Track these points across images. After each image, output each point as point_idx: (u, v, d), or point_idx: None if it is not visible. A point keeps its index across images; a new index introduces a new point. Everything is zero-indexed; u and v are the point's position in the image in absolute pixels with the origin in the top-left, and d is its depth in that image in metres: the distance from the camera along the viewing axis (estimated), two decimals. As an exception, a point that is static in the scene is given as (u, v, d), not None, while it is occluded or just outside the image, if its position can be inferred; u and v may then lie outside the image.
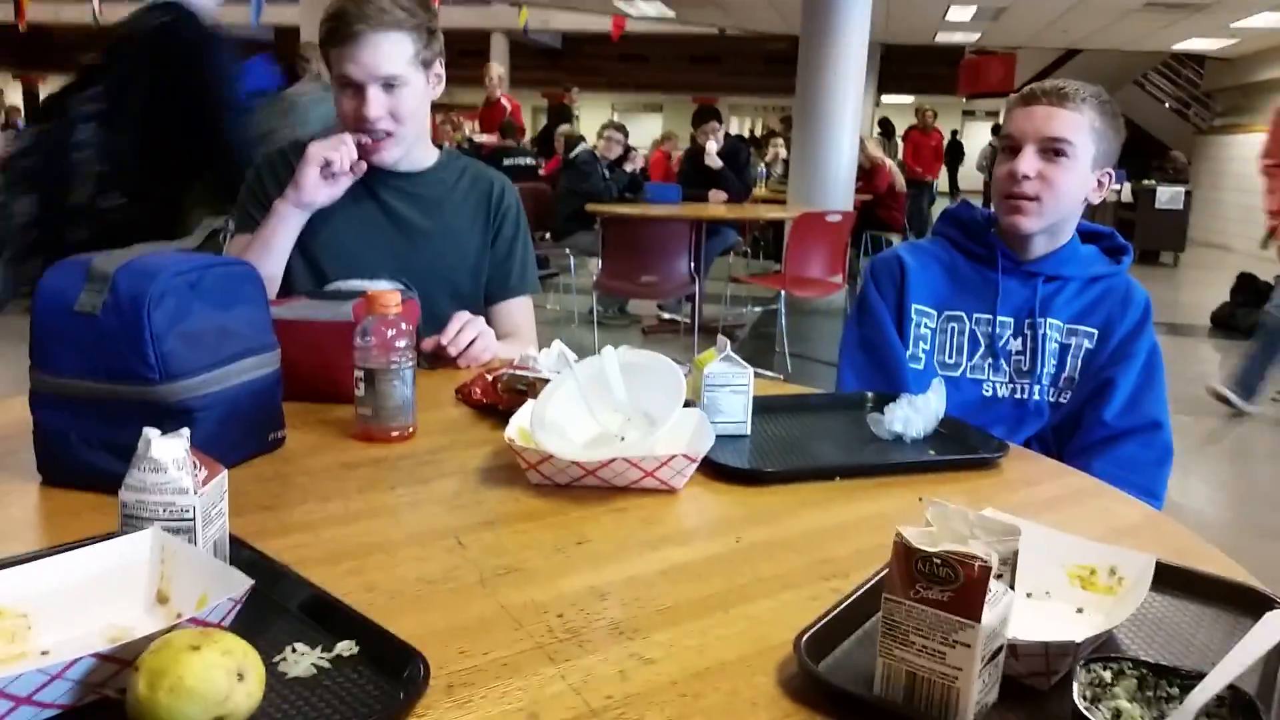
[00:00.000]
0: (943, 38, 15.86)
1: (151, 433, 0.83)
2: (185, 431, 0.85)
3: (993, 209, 1.77)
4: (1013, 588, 0.74)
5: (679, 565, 0.97)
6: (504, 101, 9.83)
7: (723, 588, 0.93)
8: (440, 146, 1.90)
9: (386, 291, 1.28)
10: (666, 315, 6.94)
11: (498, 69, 10.43)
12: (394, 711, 0.69)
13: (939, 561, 0.67)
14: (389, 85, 1.65)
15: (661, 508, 1.11)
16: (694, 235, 5.44)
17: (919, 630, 0.69)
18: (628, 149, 7.49)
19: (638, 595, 0.91)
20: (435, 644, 0.76)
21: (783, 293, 5.55)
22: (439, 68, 1.74)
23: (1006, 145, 1.67)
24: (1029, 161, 1.62)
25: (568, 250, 6.77)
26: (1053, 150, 1.62)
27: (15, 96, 10.23)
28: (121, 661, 0.67)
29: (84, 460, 1.06)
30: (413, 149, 1.77)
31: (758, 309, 7.30)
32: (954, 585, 0.67)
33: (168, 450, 0.82)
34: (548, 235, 6.87)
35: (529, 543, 1.01)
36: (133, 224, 1.98)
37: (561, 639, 0.82)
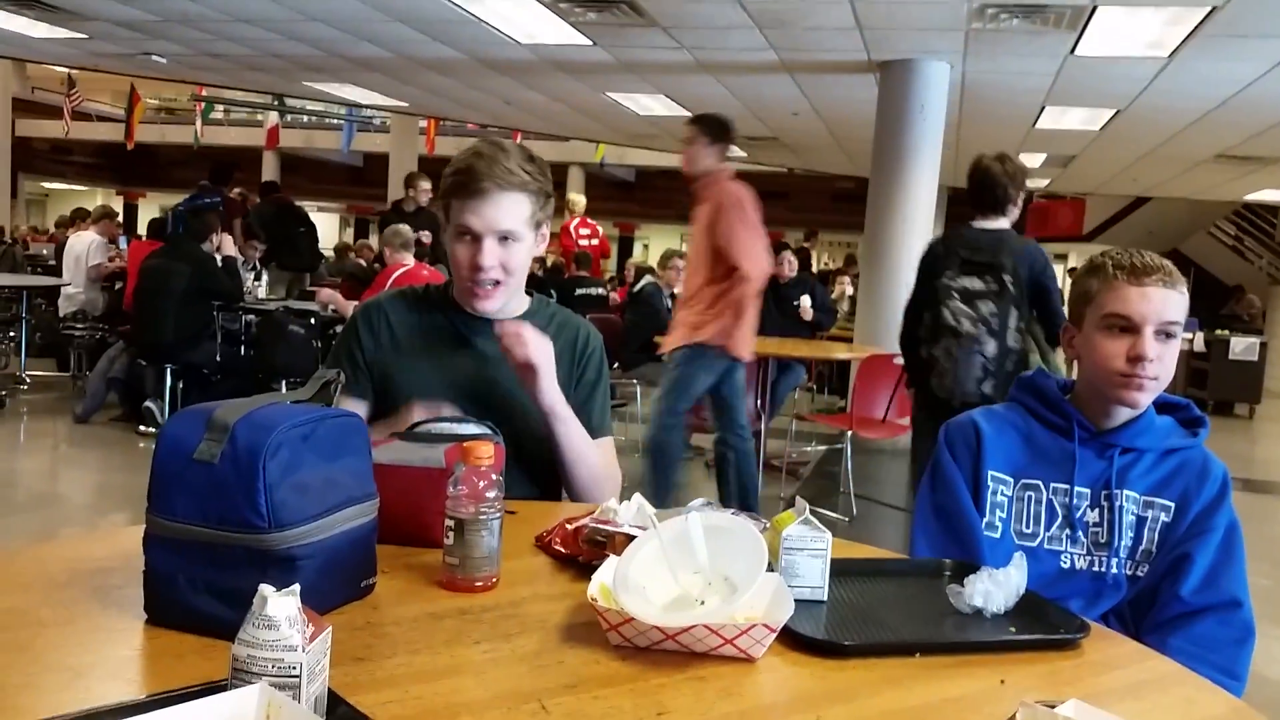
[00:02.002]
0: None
1: (267, 590, 0.87)
2: (297, 588, 0.89)
3: (1067, 377, 1.79)
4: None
5: (760, 744, 0.98)
6: (583, 229, 10.22)
7: (801, 774, 0.93)
8: (530, 294, 1.99)
9: (481, 443, 1.33)
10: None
11: (578, 199, 10.89)
12: None
13: (1031, 769, 0.68)
14: (504, 239, 1.77)
15: (741, 678, 1.12)
16: (761, 371, 5.48)
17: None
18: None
19: (718, 777, 0.91)
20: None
21: (849, 433, 5.53)
22: (546, 228, 1.86)
23: (1119, 325, 1.66)
24: (1152, 345, 1.63)
25: (635, 381, 6.86)
26: (1165, 332, 1.64)
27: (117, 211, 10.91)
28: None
29: (190, 603, 1.11)
30: (511, 299, 1.87)
31: (822, 447, 7.27)
32: (1047, 795, 0.67)
33: (281, 608, 0.87)
34: (616, 365, 7.00)
35: (610, 711, 1.02)
36: None
37: (645, 820, 0.83)
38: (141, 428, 6.44)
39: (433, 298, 1.94)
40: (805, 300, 7.24)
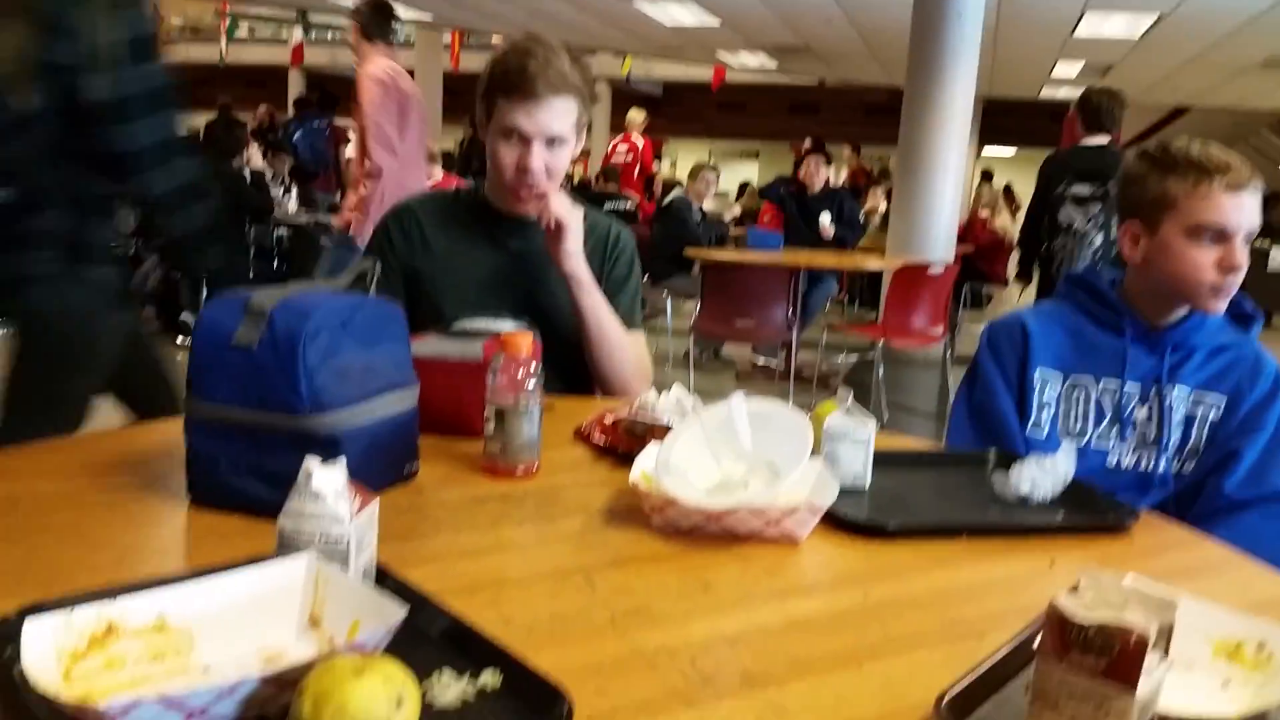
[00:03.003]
0: (1047, 93, 15.61)
1: (312, 462, 0.87)
2: (342, 460, 0.89)
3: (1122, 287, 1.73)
4: (1167, 655, 0.72)
5: (807, 618, 0.98)
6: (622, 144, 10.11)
7: (853, 643, 0.92)
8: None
9: (519, 333, 1.32)
10: (761, 361, 6.93)
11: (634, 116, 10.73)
12: (540, 746, 0.71)
13: (1095, 632, 0.66)
14: (551, 142, 1.72)
15: (784, 558, 1.11)
16: (792, 282, 5.43)
17: (1071, 696, 0.68)
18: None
19: (767, 645, 0.91)
20: (573, 681, 0.77)
21: (880, 342, 5.49)
22: (585, 132, 1.82)
23: (1212, 234, 1.57)
24: (1245, 255, 1.57)
25: (665, 292, 6.82)
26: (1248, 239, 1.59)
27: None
28: (283, 684, 0.70)
29: (233, 485, 1.11)
30: None
31: (853, 357, 7.23)
32: (1110, 655, 0.66)
33: (328, 480, 0.86)
34: (645, 277, 6.95)
35: (656, 585, 1.02)
36: None
37: (695, 684, 0.83)
38: (180, 340, 6.50)
39: (464, 200, 1.91)
40: (825, 218, 7.07)
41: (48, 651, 0.71)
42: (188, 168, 1.93)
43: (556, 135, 1.73)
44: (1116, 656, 0.66)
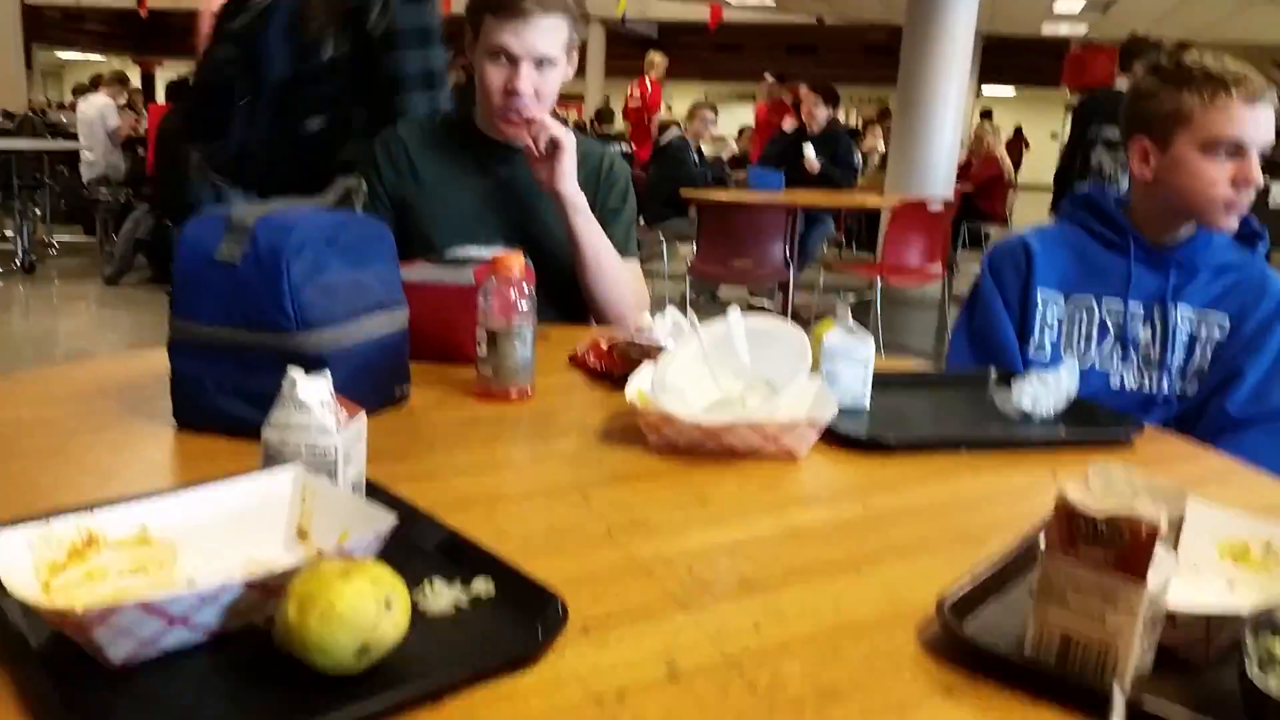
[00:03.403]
0: (1048, 29, 15.37)
1: (296, 372, 0.84)
2: (327, 372, 0.86)
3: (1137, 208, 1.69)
4: (1176, 548, 0.70)
5: (805, 528, 0.96)
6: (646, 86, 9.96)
7: (853, 551, 0.91)
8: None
9: (510, 254, 1.29)
10: (758, 303, 6.89)
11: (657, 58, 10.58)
12: (533, 649, 0.69)
13: (1104, 524, 0.64)
14: (540, 64, 1.67)
15: (783, 473, 1.10)
16: (789, 222, 5.38)
17: (1078, 590, 0.66)
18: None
19: (766, 554, 0.89)
20: (568, 588, 0.75)
21: (878, 280, 5.45)
22: (574, 55, 1.76)
23: (1228, 148, 1.54)
24: (1259, 170, 1.53)
25: (660, 235, 6.76)
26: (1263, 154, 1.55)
27: (134, 80, 10.69)
28: (268, 590, 0.68)
29: (219, 407, 1.09)
30: None
31: (850, 298, 7.20)
32: (1119, 546, 0.64)
33: (312, 390, 0.84)
34: (641, 220, 6.89)
35: (652, 500, 1.00)
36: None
37: (692, 590, 0.81)
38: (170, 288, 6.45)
39: (452, 125, 1.86)
40: (809, 150, 6.90)
41: (24, 562, 0.69)
42: (445, 99, 2.11)
43: (545, 56, 1.67)
44: (1126, 548, 0.64)
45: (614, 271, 1.77)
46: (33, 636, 0.66)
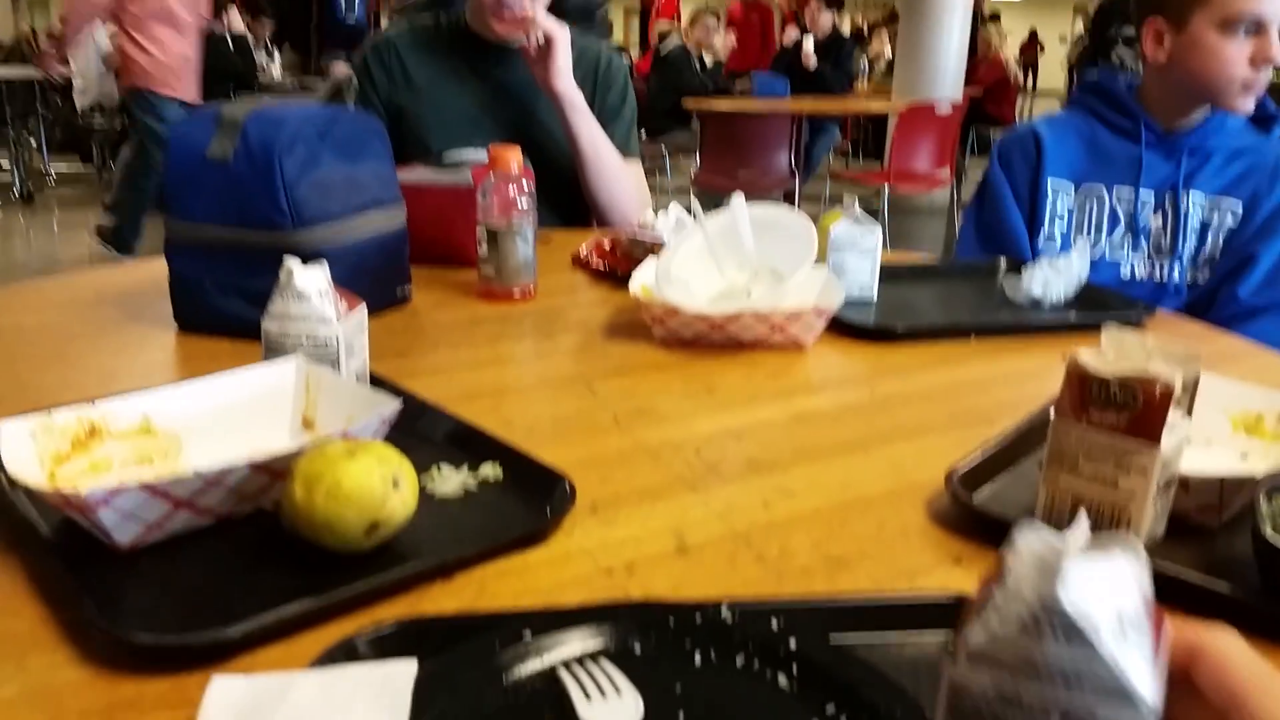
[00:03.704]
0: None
1: (293, 262, 0.83)
2: (324, 262, 0.85)
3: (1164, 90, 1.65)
4: (1190, 415, 0.69)
5: (812, 412, 0.95)
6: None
7: (861, 432, 0.90)
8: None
9: (507, 148, 1.26)
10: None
11: None
12: (542, 527, 0.69)
13: (1117, 386, 0.63)
14: None
15: (790, 362, 1.09)
16: (795, 129, 5.29)
17: (1090, 456, 0.65)
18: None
19: (773, 437, 0.89)
20: (576, 472, 0.75)
21: (885, 188, 5.38)
22: None
23: (1248, 26, 1.50)
24: (1279, 47, 1.48)
25: (663, 148, 6.67)
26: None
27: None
28: (274, 473, 0.67)
29: (219, 307, 1.08)
30: None
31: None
32: (1132, 409, 0.63)
33: (310, 280, 0.82)
34: (643, 134, 6.78)
35: (659, 389, 1.00)
36: None
37: (700, 472, 0.81)
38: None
39: (444, 30, 1.81)
40: (807, 42, 6.71)
41: (28, 452, 0.68)
42: None
43: None
44: (1139, 410, 0.63)
45: (614, 170, 1.74)
46: (43, 524, 0.67)
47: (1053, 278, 1.26)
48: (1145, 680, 0.31)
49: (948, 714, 0.34)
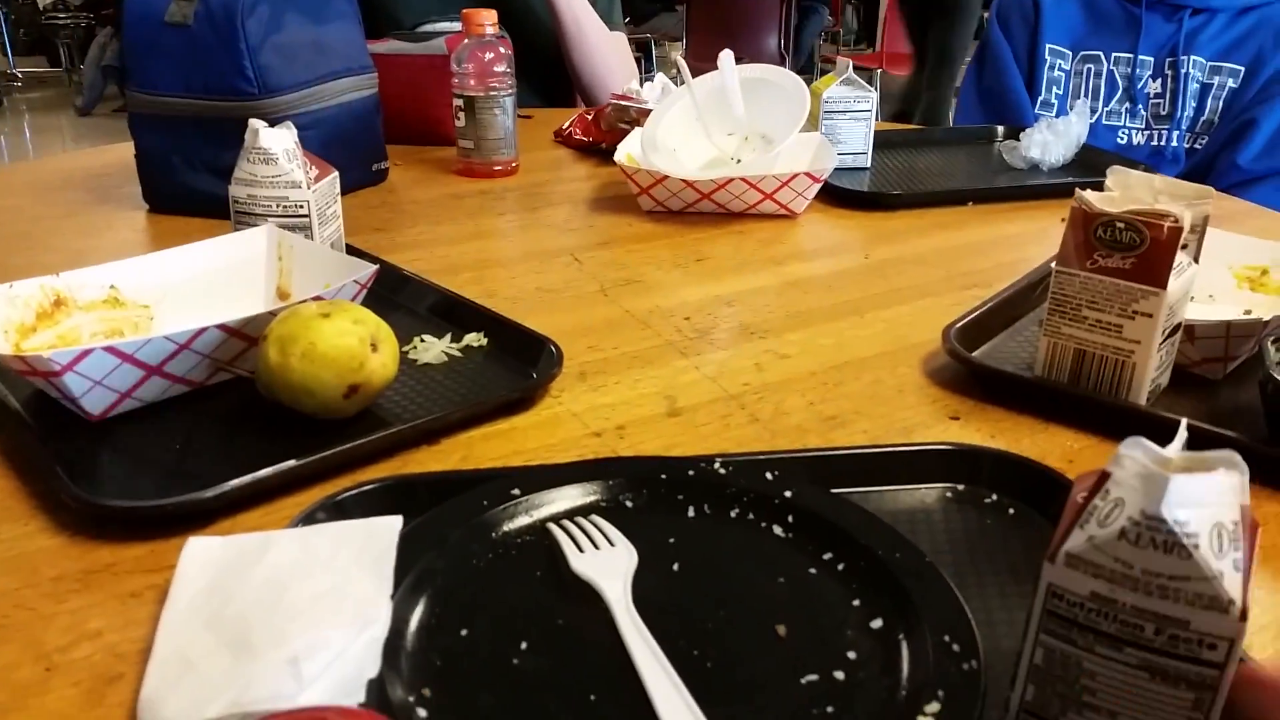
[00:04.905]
0: None
1: (258, 123, 0.79)
2: (290, 124, 0.80)
3: None
4: (1197, 261, 0.67)
5: (806, 278, 0.92)
6: None
7: (855, 296, 0.88)
8: None
9: (483, 11, 1.20)
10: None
11: None
12: (528, 390, 0.67)
13: (1123, 225, 0.61)
14: None
15: (782, 230, 1.05)
16: (784, 12, 5.13)
17: (1093, 303, 0.63)
18: None
19: (766, 303, 0.86)
20: (563, 340, 0.72)
21: (878, 72, 5.24)
22: None
23: None
24: None
25: (649, 35, 6.47)
26: None
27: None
28: (248, 338, 0.65)
29: (189, 184, 1.04)
30: None
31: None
32: (1138, 250, 0.60)
33: (276, 140, 0.78)
34: (627, 20, 6.57)
35: (647, 259, 0.97)
36: None
37: (690, 337, 0.78)
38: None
39: None
40: None
41: (-8, 323, 0.66)
42: None
43: None
44: (1146, 250, 0.60)
45: (598, 43, 1.67)
46: (12, 398, 0.64)
47: (1051, 140, 1.22)
48: (1237, 592, 0.32)
49: (1041, 615, 0.35)
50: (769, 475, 0.53)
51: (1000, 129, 1.37)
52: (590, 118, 1.39)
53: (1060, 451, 0.62)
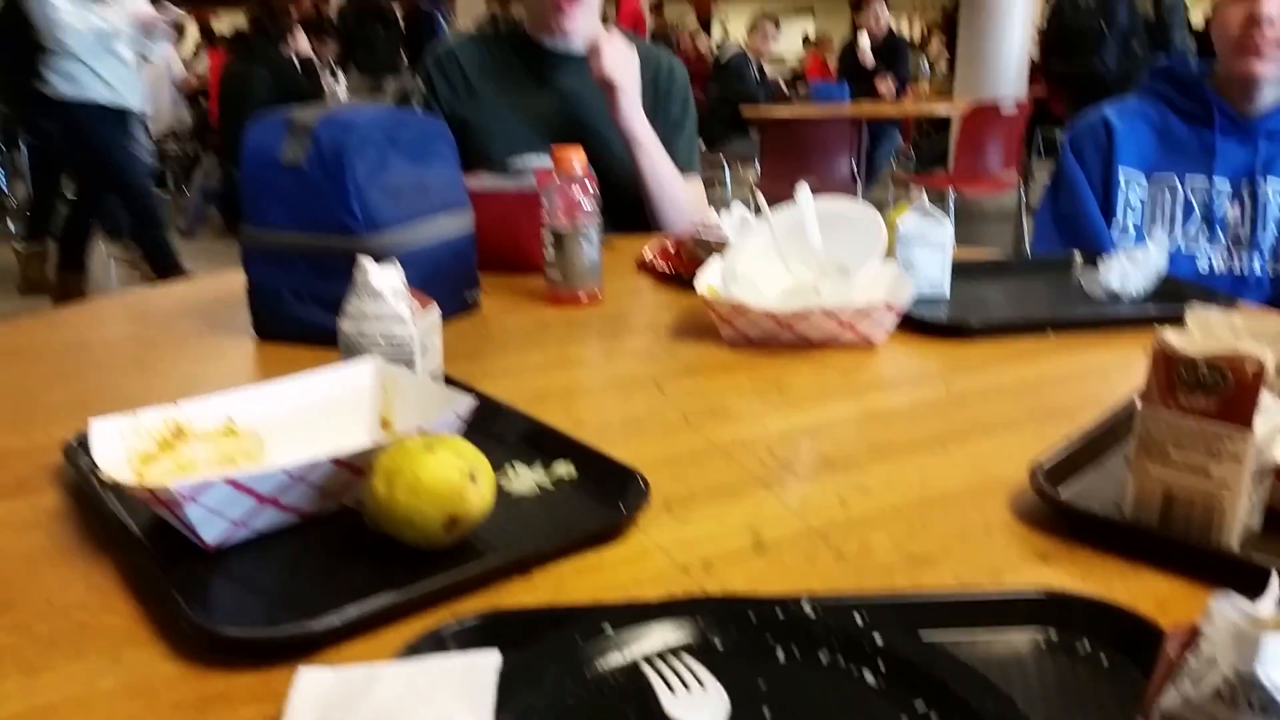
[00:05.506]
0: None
1: (367, 262, 0.84)
2: (397, 262, 0.86)
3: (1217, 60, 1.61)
4: (1286, 402, 0.67)
5: (886, 410, 0.94)
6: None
7: (937, 429, 0.88)
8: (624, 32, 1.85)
9: (570, 148, 1.26)
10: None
11: None
12: (618, 523, 0.69)
13: (1205, 367, 0.61)
14: None
15: (861, 359, 1.07)
16: (856, 136, 5.25)
17: (1179, 444, 0.63)
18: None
19: (847, 435, 0.88)
20: (649, 470, 0.74)
21: (951, 191, 5.30)
22: None
23: None
24: (1272, 3, 1.45)
25: (723, 156, 6.65)
26: None
27: (193, 30, 10.89)
28: (355, 469, 0.68)
29: (296, 314, 1.10)
30: (587, 27, 1.75)
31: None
32: (1223, 391, 0.61)
33: (385, 279, 0.84)
34: (702, 143, 6.77)
35: (728, 388, 0.99)
36: None
37: (773, 469, 0.80)
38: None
39: (504, 37, 1.83)
40: (863, 39, 6.67)
41: (117, 453, 0.70)
42: None
43: None
44: (1230, 392, 0.61)
45: (677, 194, 1.75)
46: (133, 524, 0.68)
47: (1130, 270, 1.23)
48: None
49: None
50: (858, 617, 0.54)
51: (1077, 255, 1.38)
52: (671, 249, 1.44)
53: (1152, 596, 0.61)
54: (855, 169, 5.37)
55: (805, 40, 10.98)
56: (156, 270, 4.75)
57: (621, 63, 1.62)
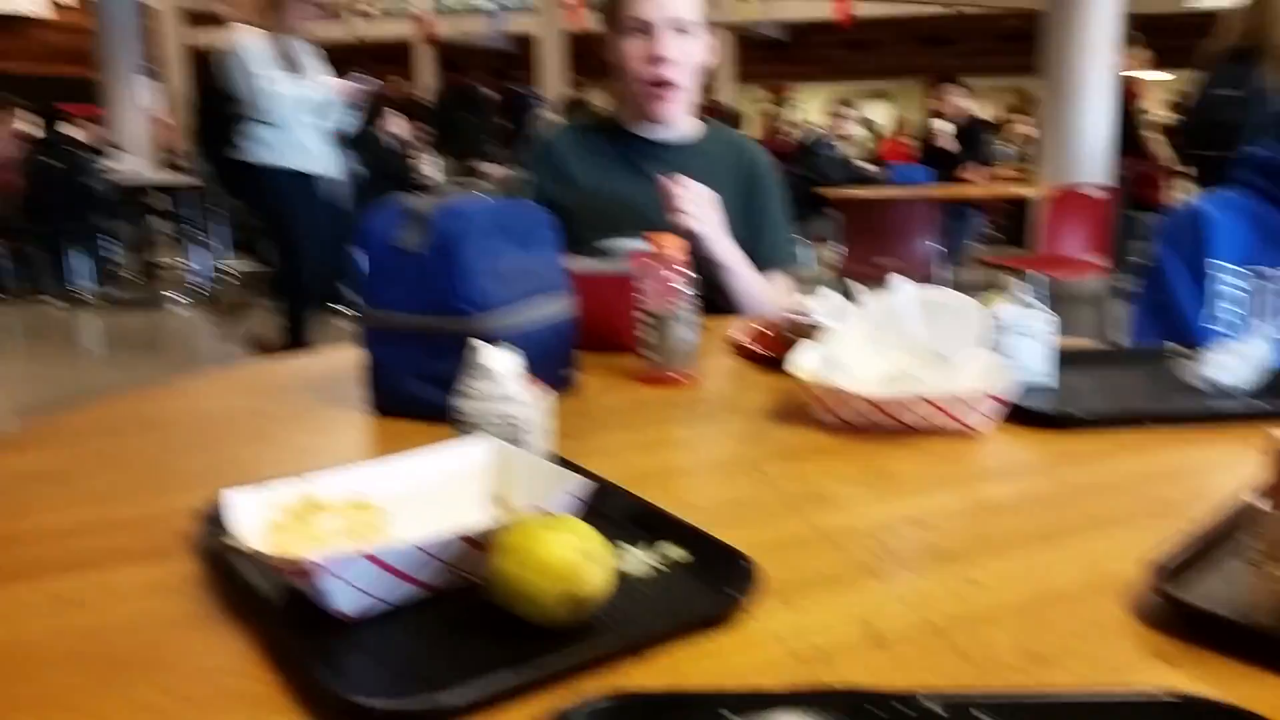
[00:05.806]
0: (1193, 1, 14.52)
1: (482, 345, 0.88)
2: (513, 345, 0.89)
3: None
4: None
5: (994, 500, 0.93)
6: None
7: (1048, 522, 0.88)
8: (704, 119, 1.91)
9: (667, 236, 1.30)
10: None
11: None
12: (731, 608, 0.70)
13: (1336, 470, 0.61)
14: (679, 31, 1.69)
15: (965, 448, 1.07)
16: (938, 217, 5.25)
17: (1310, 548, 0.62)
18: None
19: (955, 525, 0.88)
20: (756, 556, 0.75)
21: (1037, 274, 5.23)
22: (708, 36, 1.77)
23: None
24: None
25: (805, 238, 6.71)
26: None
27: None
28: (479, 545, 0.70)
29: (410, 391, 1.14)
30: (681, 116, 1.80)
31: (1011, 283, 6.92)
32: (1357, 497, 0.60)
33: (501, 361, 0.87)
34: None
35: (830, 473, 1.00)
36: None
37: (883, 559, 0.80)
38: (343, 308, 6.64)
39: (603, 128, 1.90)
40: (977, 171, 6.75)
41: (251, 522, 0.73)
42: None
43: (682, 21, 1.70)
44: (1365, 499, 0.60)
45: (764, 295, 1.78)
46: (271, 594, 0.71)
47: (1234, 363, 1.21)
48: None
49: None
50: (978, 715, 0.54)
51: (1179, 348, 1.36)
52: (768, 333, 1.46)
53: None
54: (937, 249, 5.36)
55: (868, 123, 11.07)
56: (290, 338, 4.77)
57: (696, 208, 1.66)
